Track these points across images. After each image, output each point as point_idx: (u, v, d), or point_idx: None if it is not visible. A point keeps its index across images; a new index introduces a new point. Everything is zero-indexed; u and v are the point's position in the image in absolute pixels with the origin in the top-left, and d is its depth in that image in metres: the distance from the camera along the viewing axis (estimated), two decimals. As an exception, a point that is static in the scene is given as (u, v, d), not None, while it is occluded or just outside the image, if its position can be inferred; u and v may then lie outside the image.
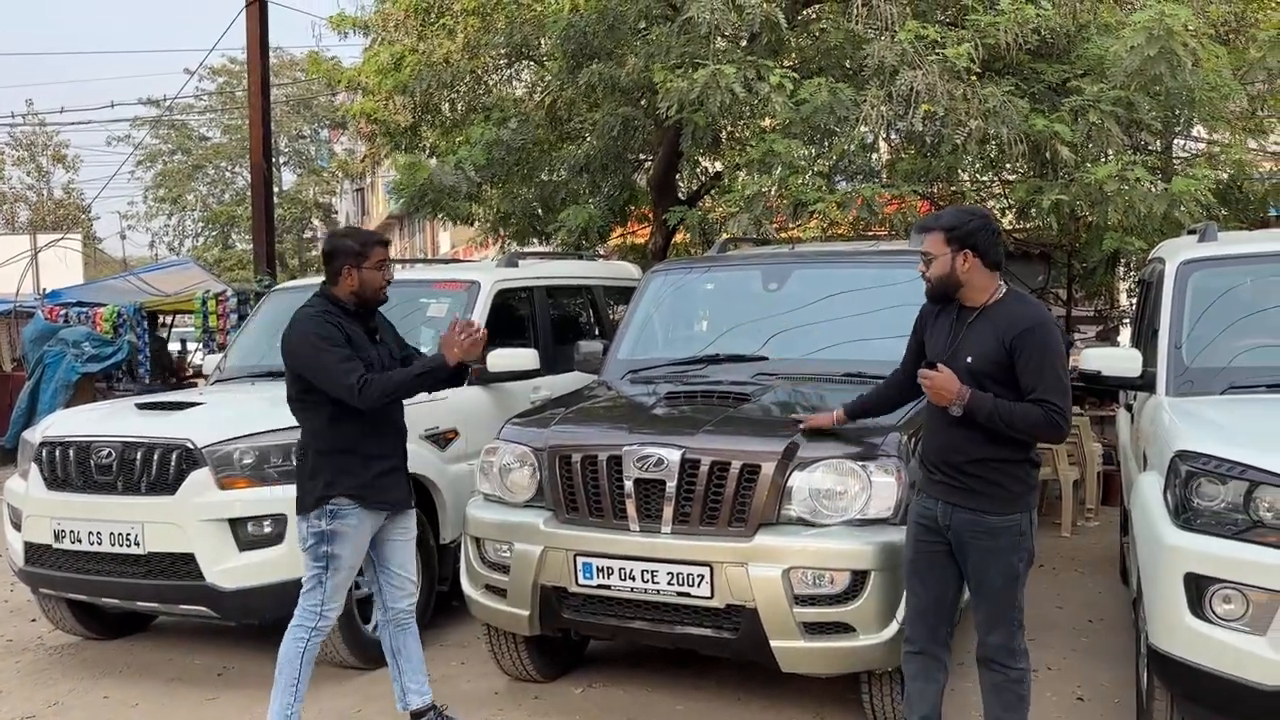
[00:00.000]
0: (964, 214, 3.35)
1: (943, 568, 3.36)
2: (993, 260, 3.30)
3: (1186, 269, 4.50)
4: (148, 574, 4.53)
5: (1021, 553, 3.27)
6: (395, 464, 3.83)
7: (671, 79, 6.95)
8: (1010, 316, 3.23)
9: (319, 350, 3.57)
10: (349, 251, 3.70)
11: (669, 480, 3.75)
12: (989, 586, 3.28)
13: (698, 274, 5.58)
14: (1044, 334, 3.20)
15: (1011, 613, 3.30)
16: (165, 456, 4.52)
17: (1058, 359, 3.20)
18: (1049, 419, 3.15)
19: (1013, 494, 3.25)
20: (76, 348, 10.89)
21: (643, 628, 3.85)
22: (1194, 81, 6.64)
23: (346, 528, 3.66)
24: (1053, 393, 3.15)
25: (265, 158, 10.66)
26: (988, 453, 3.23)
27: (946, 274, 3.29)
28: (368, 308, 3.78)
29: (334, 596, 3.72)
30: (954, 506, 3.29)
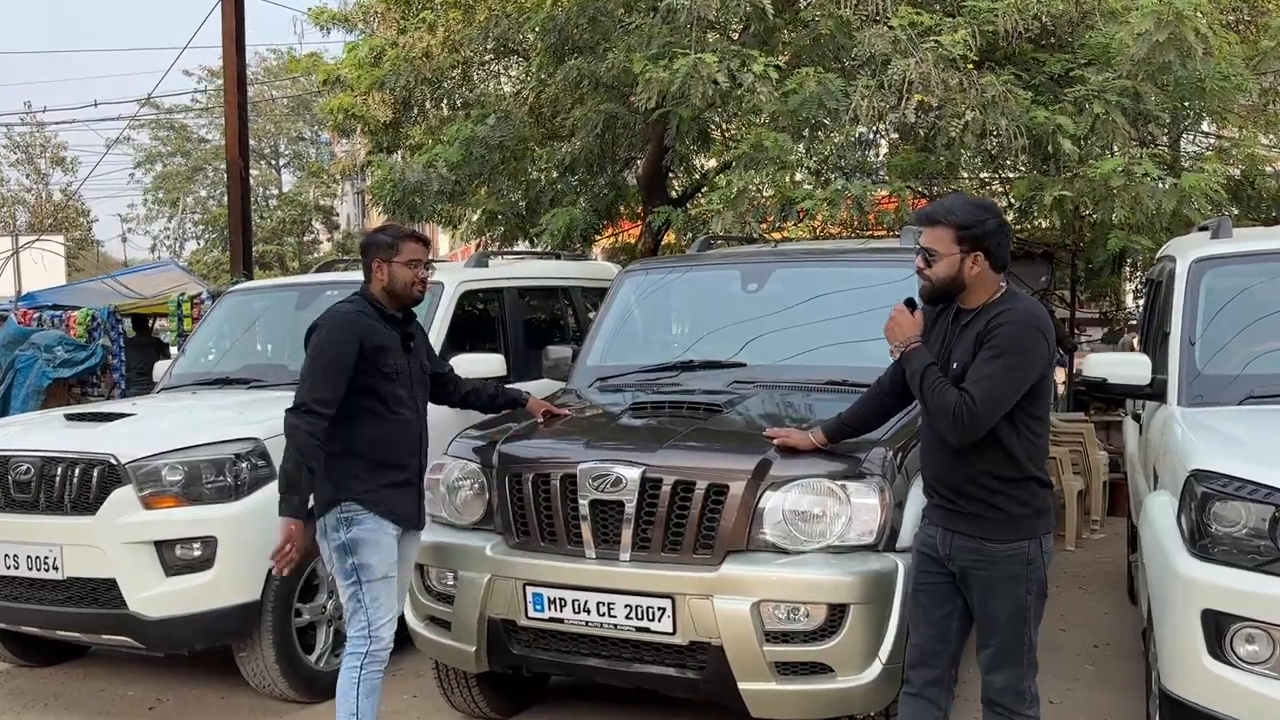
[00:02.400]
0: (979, 210, 2.92)
1: (947, 602, 2.98)
2: (1001, 262, 2.91)
3: (1199, 267, 4.16)
4: (67, 601, 4.18)
5: (1030, 583, 2.88)
6: (407, 478, 3.52)
7: (651, 69, 6.59)
8: (995, 312, 2.85)
9: (318, 361, 3.37)
10: (380, 245, 3.53)
11: (628, 501, 3.38)
12: (992, 621, 2.91)
13: (673, 274, 5.22)
14: (1015, 331, 2.79)
15: (1019, 651, 2.91)
16: (86, 473, 4.17)
17: (1016, 364, 2.77)
18: (953, 410, 2.76)
19: (1014, 517, 2.86)
20: (49, 352, 10.58)
21: (599, 666, 3.48)
22: (1204, 71, 6.27)
23: (366, 533, 3.39)
24: (979, 388, 2.75)
25: (241, 155, 10.32)
26: (986, 469, 2.85)
27: (952, 276, 2.89)
28: (403, 307, 3.57)
29: (378, 611, 3.40)
30: (953, 533, 2.92)
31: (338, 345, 3.37)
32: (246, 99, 10.68)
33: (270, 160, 42.96)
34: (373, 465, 3.42)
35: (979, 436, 2.79)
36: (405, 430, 3.50)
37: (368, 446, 3.42)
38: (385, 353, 3.43)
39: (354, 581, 3.39)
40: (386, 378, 3.43)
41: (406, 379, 3.51)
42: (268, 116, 40.55)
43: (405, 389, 3.50)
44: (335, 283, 5.56)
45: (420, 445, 3.58)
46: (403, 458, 3.49)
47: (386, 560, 3.42)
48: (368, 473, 3.42)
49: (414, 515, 3.58)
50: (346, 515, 3.40)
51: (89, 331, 11.05)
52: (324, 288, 5.49)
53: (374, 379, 3.41)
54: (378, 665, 3.42)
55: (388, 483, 3.45)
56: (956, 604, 2.98)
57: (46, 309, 11.67)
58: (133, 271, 13.38)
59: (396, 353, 3.49)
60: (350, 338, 3.37)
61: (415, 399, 3.56)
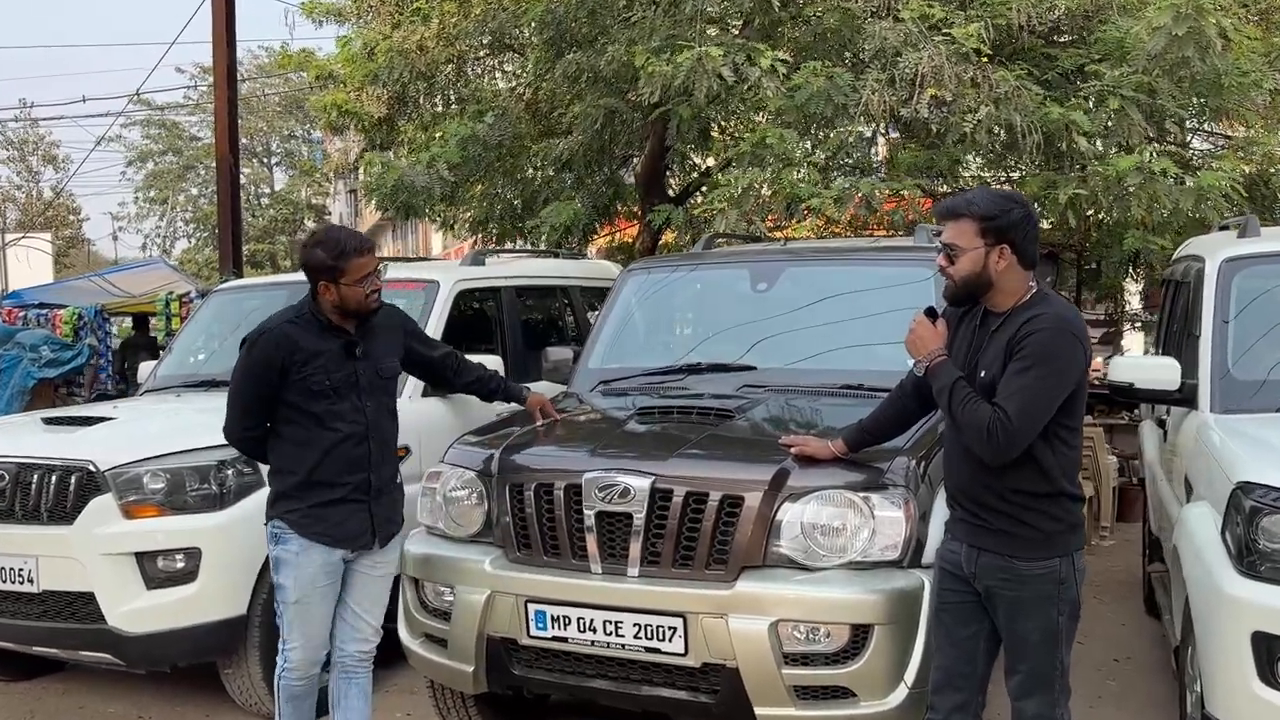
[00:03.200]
0: (1004, 200, 2.72)
1: (973, 621, 2.79)
2: (1029, 258, 2.70)
3: (1230, 268, 3.99)
4: (43, 615, 3.98)
5: (1062, 604, 2.68)
6: (343, 496, 3.30)
7: (654, 63, 6.39)
8: (1025, 317, 2.64)
9: (235, 382, 3.31)
10: (321, 267, 3.25)
11: (636, 513, 3.18)
12: (1022, 644, 2.72)
13: (679, 273, 5.02)
14: (1050, 339, 2.58)
15: (1051, 676, 2.73)
16: (64, 480, 3.97)
17: (1050, 374, 2.57)
18: (989, 427, 2.56)
19: (1046, 534, 2.67)
20: (34, 351, 10.36)
21: (605, 688, 3.27)
22: (1223, 66, 6.09)
23: (287, 554, 3.29)
24: (1014, 403, 2.55)
25: (231, 151, 10.10)
26: (1015, 484, 2.65)
27: (977, 273, 2.69)
28: (355, 319, 3.35)
29: (290, 632, 3.33)
30: (979, 550, 2.73)
31: (250, 371, 3.27)
32: (237, 94, 10.47)
33: (262, 159, 42.74)
34: (304, 484, 3.28)
35: (1015, 455, 2.60)
36: (344, 446, 3.29)
37: (299, 465, 3.29)
38: (315, 367, 3.24)
39: (276, 597, 3.38)
40: (317, 394, 3.25)
41: (349, 390, 3.30)
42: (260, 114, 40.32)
43: (348, 401, 3.30)
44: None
45: (368, 459, 3.34)
46: (339, 475, 3.29)
47: (301, 585, 3.29)
48: (299, 491, 3.29)
49: (359, 533, 3.34)
50: (275, 531, 3.33)
51: (75, 331, 10.87)
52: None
53: (301, 396, 3.25)
54: (293, 679, 3.38)
55: (320, 502, 3.28)
56: (984, 624, 2.79)
57: (32, 308, 11.47)
58: (121, 270, 13.16)
59: (332, 364, 3.28)
60: (266, 359, 3.24)
61: (362, 411, 3.33)
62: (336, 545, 3.32)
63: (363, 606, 3.44)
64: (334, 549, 3.32)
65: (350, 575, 3.41)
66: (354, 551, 3.37)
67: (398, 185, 8.43)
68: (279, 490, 3.33)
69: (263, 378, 3.25)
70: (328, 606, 3.37)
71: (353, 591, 3.43)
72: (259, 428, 3.32)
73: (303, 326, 3.29)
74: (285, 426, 3.30)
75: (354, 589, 3.43)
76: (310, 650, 3.36)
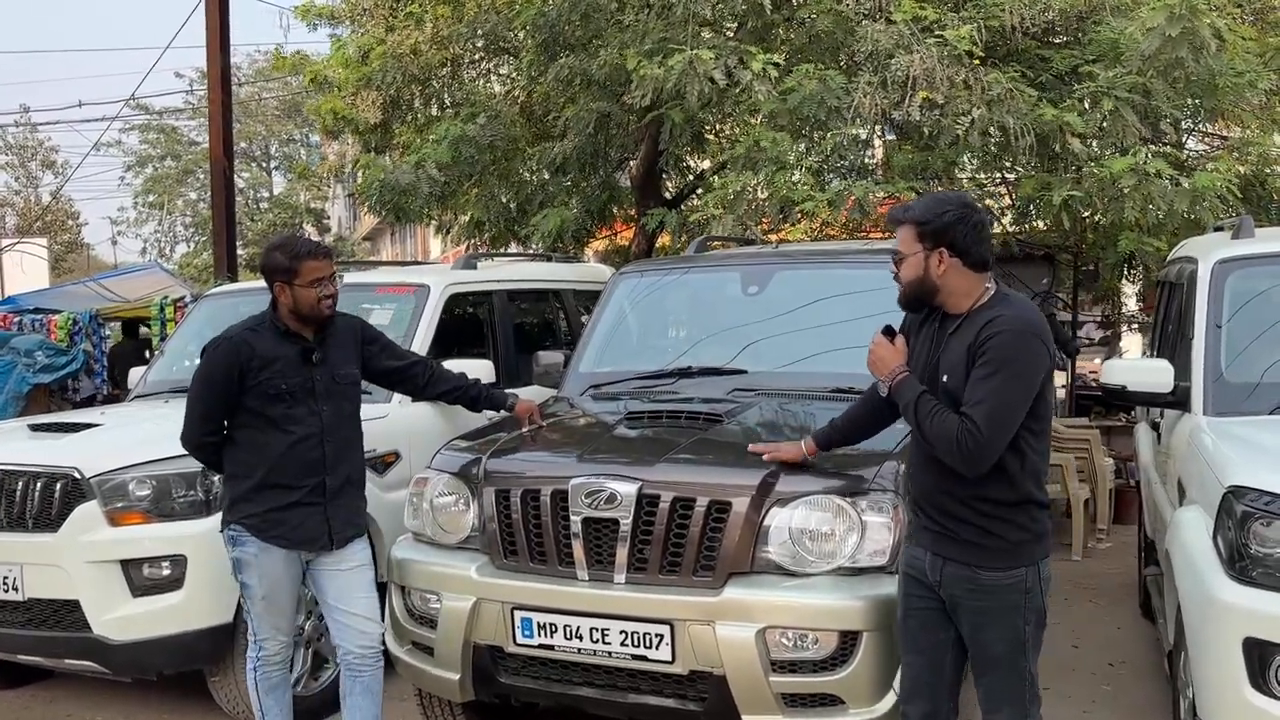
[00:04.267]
0: (939, 203, 2.72)
1: (939, 629, 2.77)
2: (976, 259, 2.68)
3: (1223, 269, 3.95)
4: (28, 623, 3.96)
5: (1028, 613, 2.67)
6: (299, 499, 3.34)
7: (645, 66, 6.37)
8: (985, 320, 2.62)
9: (195, 388, 3.40)
10: (277, 268, 3.36)
11: (623, 519, 3.15)
12: (989, 656, 2.69)
13: (670, 276, 4.99)
14: (1012, 342, 2.56)
15: (1020, 687, 2.70)
16: (49, 487, 3.94)
17: (1016, 378, 2.55)
18: (958, 438, 2.53)
19: (1012, 544, 2.65)
20: (29, 357, 10.34)
21: (593, 696, 3.24)
22: (1218, 66, 6.07)
23: (247, 555, 3.38)
24: (981, 411, 2.53)
25: (226, 154, 10.09)
26: (981, 492, 2.62)
27: (920, 277, 2.70)
28: (311, 325, 3.42)
29: (261, 626, 3.43)
30: (943, 559, 2.70)
31: (210, 377, 3.34)
32: (231, 98, 10.46)
33: (261, 162, 42.72)
34: (260, 487, 3.34)
35: (990, 463, 2.57)
36: (298, 449, 3.35)
37: (256, 468, 3.34)
38: (273, 371, 3.32)
39: (241, 596, 3.48)
40: (274, 398, 3.31)
41: (305, 395, 3.36)
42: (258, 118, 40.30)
43: (304, 405, 3.36)
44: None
45: (321, 464, 3.39)
46: (297, 478, 3.35)
47: (266, 583, 3.38)
48: (257, 494, 3.35)
49: (316, 537, 3.40)
50: (233, 535, 3.38)
51: (70, 336, 10.82)
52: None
53: (258, 401, 3.32)
54: (269, 669, 3.46)
55: (278, 505, 3.34)
56: (950, 631, 2.77)
57: (27, 313, 11.43)
58: (116, 274, 13.14)
59: (291, 368, 3.35)
60: (226, 365, 3.31)
61: (318, 415, 3.39)
62: (294, 548, 3.39)
63: (346, 603, 3.44)
64: (292, 551, 3.39)
65: (319, 578, 3.46)
66: (312, 553, 3.42)
67: (384, 186, 8.40)
68: (235, 495, 3.38)
69: (222, 383, 3.31)
70: (293, 596, 3.47)
71: (329, 592, 3.46)
72: (216, 434, 3.39)
73: (261, 334, 3.38)
74: (240, 431, 3.36)
75: (329, 590, 3.46)
76: (281, 639, 3.46)
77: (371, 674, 3.48)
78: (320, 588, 3.48)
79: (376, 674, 3.49)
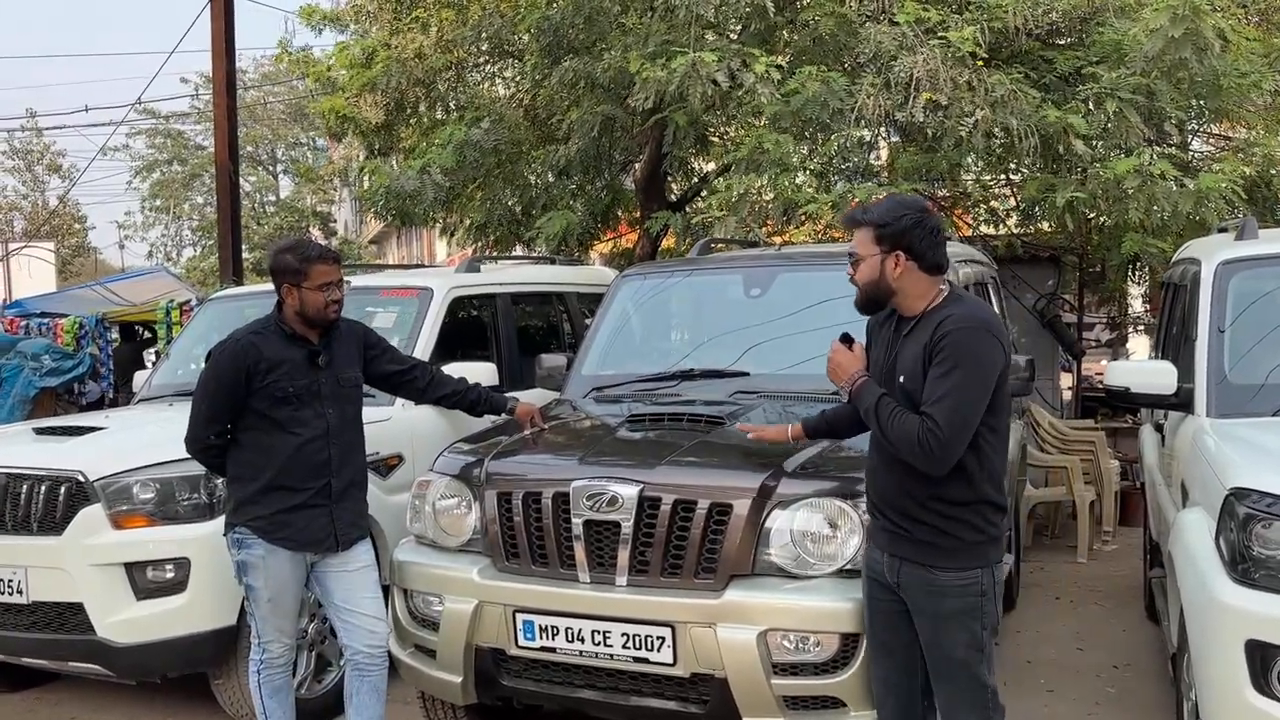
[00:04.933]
0: (898, 207, 2.76)
1: (905, 630, 2.78)
2: (931, 263, 2.72)
3: (1227, 270, 3.94)
4: (32, 626, 3.96)
5: (985, 618, 2.68)
6: (305, 501, 3.35)
7: (648, 69, 6.37)
8: (938, 319, 2.65)
9: (201, 391, 3.40)
10: (287, 269, 3.39)
11: (625, 522, 3.16)
12: (946, 660, 2.70)
13: (673, 278, 5.00)
14: (966, 339, 2.59)
15: (980, 694, 2.70)
16: (53, 490, 3.95)
17: (972, 375, 2.57)
18: (920, 438, 2.55)
19: (966, 544, 2.66)
20: (35, 360, 10.38)
21: (594, 698, 3.25)
22: (1221, 67, 6.05)
23: (253, 557, 3.38)
24: (940, 409, 2.55)
25: (231, 159, 10.11)
26: (938, 491, 2.64)
27: (876, 279, 2.73)
28: (317, 328, 3.43)
29: (264, 629, 3.43)
30: (900, 560, 2.72)
31: (217, 380, 3.35)
32: (236, 103, 10.48)
33: (268, 166, 42.82)
34: (267, 489, 3.35)
35: (954, 462, 2.58)
36: (305, 451, 3.36)
37: (263, 471, 3.35)
38: (280, 374, 3.33)
39: (245, 598, 3.48)
40: (281, 401, 3.33)
41: (311, 397, 3.38)
42: (265, 122, 40.40)
43: (310, 408, 3.38)
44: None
45: (327, 466, 3.40)
46: (303, 480, 3.36)
47: (273, 585, 3.38)
48: (263, 496, 3.35)
49: (322, 538, 3.40)
50: (238, 537, 3.39)
51: (77, 339, 10.86)
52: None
53: (265, 403, 3.33)
54: (272, 672, 3.45)
55: (285, 507, 3.34)
56: (914, 633, 2.78)
57: (34, 316, 11.47)
58: (123, 278, 13.19)
59: (297, 371, 3.37)
60: (236, 366, 3.32)
61: (324, 417, 3.41)
62: (300, 549, 3.39)
63: (354, 603, 3.46)
64: (298, 553, 3.39)
65: (325, 580, 3.47)
66: (317, 554, 3.43)
67: (389, 191, 8.42)
68: (240, 497, 3.38)
69: (229, 386, 3.32)
70: (298, 598, 3.48)
71: (336, 593, 3.47)
72: (222, 437, 3.40)
73: (267, 337, 3.39)
74: (246, 434, 3.37)
75: (336, 590, 3.47)
76: (285, 641, 3.46)
77: (379, 674, 3.50)
78: (326, 589, 3.49)
79: (383, 674, 3.51)
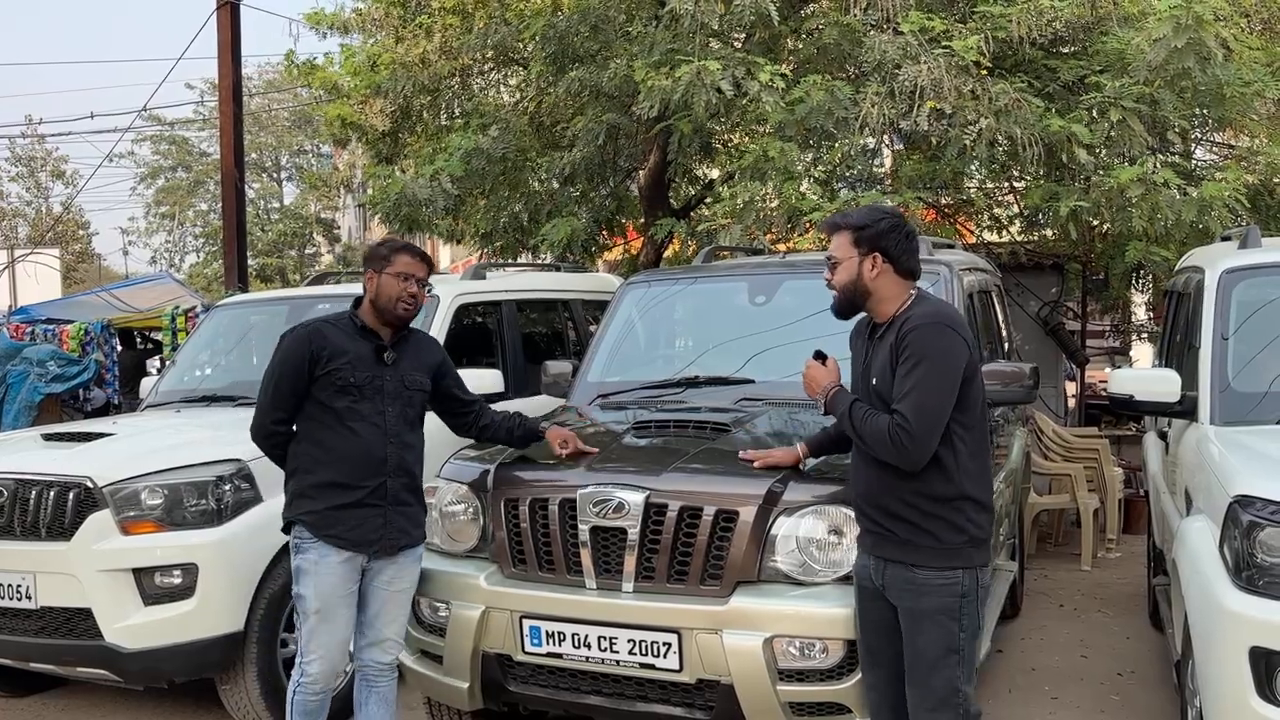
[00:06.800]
0: (875, 212, 2.90)
1: (897, 638, 2.80)
2: (905, 268, 2.82)
3: (1230, 279, 3.96)
4: (40, 631, 3.97)
5: (963, 619, 2.70)
6: (361, 499, 3.28)
7: (653, 77, 6.40)
8: (903, 320, 2.74)
9: (267, 376, 3.36)
10: (375, 256, 3.42)
11: (631, 528, 3.18)
12: (920, 660, 2.72)
13: (678, 286, 5.01)
14: (929, 335, 2.67)
15: (952, 698, 2.71)
16: (62, 496, 3.96)
17: (935, 370, 2.65)
18: (891, 434, 2.63)
19: (946, 544, 2.70)
20: (41, 366, 10.41)
21: (601, 704, 3.26)
22: (1225, 76, 6.07)
23: (306, 563, 3.28)
24: (907, 405, 2.62)
25: (237, 166, 10.15)
26: (918, 487, 2.69)
27: (853, 281, 2.83)
28: (389, 323, 3.38)
29: (308, 644, 3.29)
30: (884, 561, 2.77)
31: (283, 364, 3.32)
32: (242, 110, 10.53)
33: (272, 173, 42.94)
34: (322, 484, 3.28)
35: (928, 456, 2.65)
36: (361, 446, 3.28)
37: (318, 464, 3.29)
38: (344, 362, 3.28)
39: (296, 610, 3.36)
40: (341, 390, 3.28)
41: (373, 392, 3.31)
42: (270, 129, 40.52)
43: (370, 402, 3.31)
44: (327, 296, 5.36)
45: (385, 465, 3.32)
46: (358, 477, 3.28)
47: (322, 593, 3.26)
48: (317, 491, 3.28)
49: (374, 539, 3.30)
50: (296, 541, 3.32)
51: (82, 346, 10.88)
52: (315, 301, 5.28)
53: (326, 392, 3.28)
54: (307, 696, 3.32)
55: (337, 504, 3.26)
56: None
57: (40, 323, 11.50)
58: (128, 285, 13.20)
59: (361, 363, 3.31)
60: (300, 351, 3.28)
61: (383, 414, 3.33)
62: (351, 549, 3.28)
63: (383, 622, 3.40)
64: (348, 552, 3.28)
65: (370, 591, 3.38)
66: (370, 559, 3.33)
67: (400, 199, 8.44)
68: (296, 490, 3.33)
69: (293, 369, 3.28)
70: (348, 616, 3.34)
71: (372, 605, 3.39)
72: (285, 425, 3.34)
73: (337, 327, 3.37)
74: (305, 424, 3.32)
75: (373, 603, 3.39)
76: (329, 662, 3.31)
77: (388, 685, 3.48)
78: (364, 598, 3.39)
79: (392, 684, 3.50)
